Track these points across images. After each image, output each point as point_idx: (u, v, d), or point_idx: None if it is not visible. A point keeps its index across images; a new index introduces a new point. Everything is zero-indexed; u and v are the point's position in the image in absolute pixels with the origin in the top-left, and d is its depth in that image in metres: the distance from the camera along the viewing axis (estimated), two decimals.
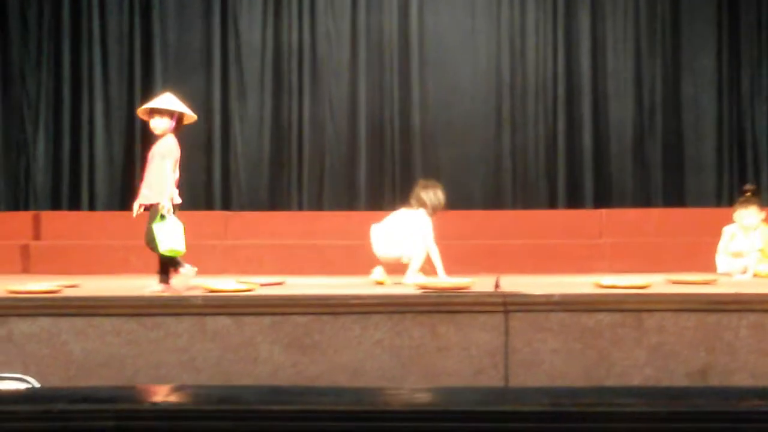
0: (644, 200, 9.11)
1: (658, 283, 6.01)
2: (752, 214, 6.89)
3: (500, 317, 5.18)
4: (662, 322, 5.20)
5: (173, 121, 5.80)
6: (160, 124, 5.80)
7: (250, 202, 9.18)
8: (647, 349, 5.19)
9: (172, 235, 5.56)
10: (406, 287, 6.04)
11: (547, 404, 2.20)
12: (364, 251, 6.64)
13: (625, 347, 5.19)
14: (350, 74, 9.27)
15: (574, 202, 9.12)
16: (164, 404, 2.22)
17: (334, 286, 6.14)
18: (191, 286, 5.73)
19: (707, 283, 6.08)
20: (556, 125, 9.21)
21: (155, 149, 5.79)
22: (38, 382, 3.51)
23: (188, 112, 5.87)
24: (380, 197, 9.11)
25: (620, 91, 9.25)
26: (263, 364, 5.19)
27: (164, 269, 5.68)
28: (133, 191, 5.94)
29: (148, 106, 5.93)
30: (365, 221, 6.88)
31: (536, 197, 9.18)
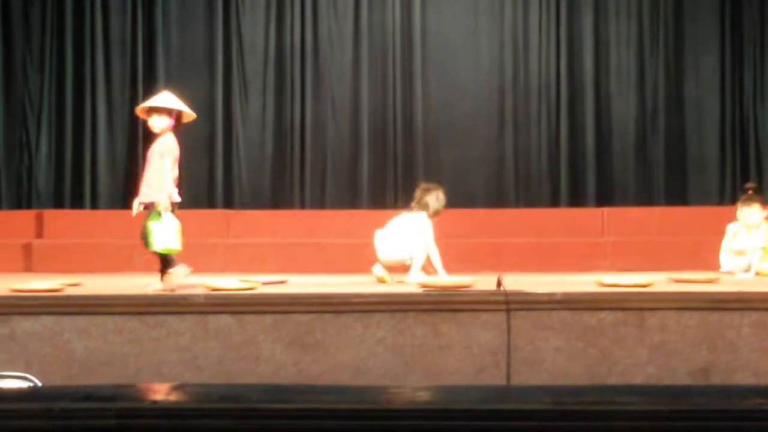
0: (647, 199, 9.11)
1: (660, 281, 6.00)
2: (755, 212, 6.88)
3: (502, 316, 5.18)
4: (664, 320, 5.20)
5: (172, 119, 5.80)
6: (158, 122, 5.80)
7: (252, 200, 9.18)
8: (649, 347, 5.19)
9: (167, 233, 5.56)
10: (408, 286, 6.04)
11: (549, 403, 2.20)
12: (366, 250, 6.64)
13: (627, 346, 5.19)
14: (353, 73, 9.28)
15: (576, 200, 9.12)
16: (166, 403, 2.21)
17: (336, 284, 6.14)
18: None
19: (709, 281, 6.07)
20: (558, 124, 9.21)
21: (154, 147, 5.80)
22: (40, 380, 3.51)
23: (187, 110, 5.87)
24: (382, 196, 9.11)
25: (623, 90, 9.25)
26: (265, 362, 5.19)
27: (167, 267, 5.68)
28: (135, 190, 5.93)
29: (146, 104, 5.93)
30: (367, 220, 6.89)
31: (539, 196, 9.18)
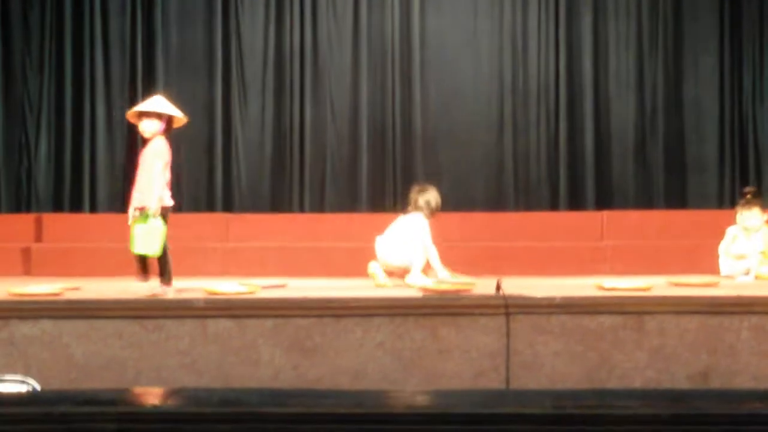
0: (646, 202, 9.10)
1: (659, 285, 6.00)
2: (755, 215, 6.88)
3: (501, 319, 5.18)
4: (663, 324, 5.20)
5: (163, 123, 5.80)
6: (149, 126, 5.81)
7: (251, 204, 9.17)
8: (648, 351, 5.19)
9: (149, 238, 5.55)
10: (407, 289, 6.04)
11: (548, 407, 2.20)
12: (365, 253, 6.64)
13: (626, 349, 5.19)
14: (352, 76, 9.27)
15: (575, 204, 9.11)
16: (165, 407, 2.22)
17: (335, 288, 6.14)
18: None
19: (709, 285, 6.07)
20: (557, 127, 9.20)
21: (146, 152, 5.81)
22: (39, 384, 3.50)
23: (178, 114, 5.87)
24: (382, 199, 9.10)
25: (622, 92, 9.25)
26: (264, 366, 5.19)
27: (164, 271, 5.68)
28: (131, 195, 5.92)
29: (137, 109, 5.94)
30: (367, 223, 6.88)
31: (538, 199, 9.17)
